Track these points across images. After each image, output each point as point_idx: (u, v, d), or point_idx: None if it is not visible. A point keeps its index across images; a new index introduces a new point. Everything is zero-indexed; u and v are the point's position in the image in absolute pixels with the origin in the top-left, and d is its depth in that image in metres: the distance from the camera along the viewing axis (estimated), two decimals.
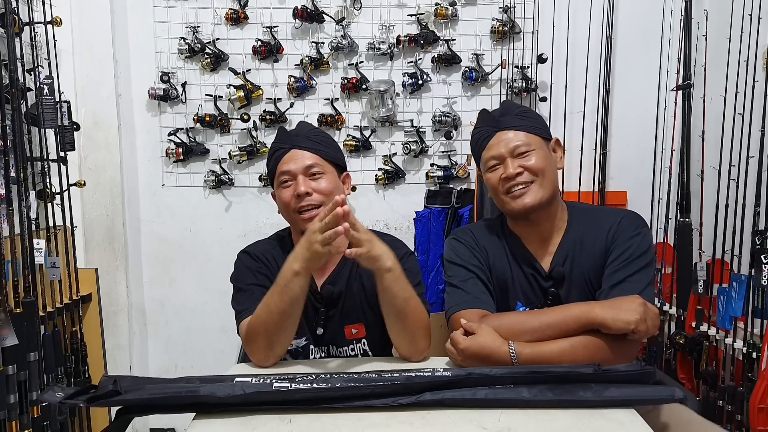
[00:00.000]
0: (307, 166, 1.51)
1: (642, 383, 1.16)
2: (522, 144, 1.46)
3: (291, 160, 1.51)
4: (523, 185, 1.45)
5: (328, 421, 1.08)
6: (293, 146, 1.53)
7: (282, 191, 1.52)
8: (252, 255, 1.57)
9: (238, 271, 1.56)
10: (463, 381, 1.15)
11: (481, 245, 1.54)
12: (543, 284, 1.49)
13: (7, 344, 1.95)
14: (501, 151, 1.47)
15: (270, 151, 1.59)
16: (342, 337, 1.54)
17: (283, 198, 1.51)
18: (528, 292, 1.51)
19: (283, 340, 1.39)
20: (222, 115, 2.89)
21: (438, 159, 2.92)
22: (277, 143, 1.57)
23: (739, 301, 2.16)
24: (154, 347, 3.04)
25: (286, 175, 1.51)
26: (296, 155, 1.52)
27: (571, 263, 1.48)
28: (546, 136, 1.52)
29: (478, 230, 1.59)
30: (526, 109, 1.65)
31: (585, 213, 1.55)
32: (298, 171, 1.50)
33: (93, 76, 2.78)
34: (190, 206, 2.98)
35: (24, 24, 2.29)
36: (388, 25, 2.85)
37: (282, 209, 1.55)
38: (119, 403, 1.12)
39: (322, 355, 1.55)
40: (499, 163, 1.48)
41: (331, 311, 1.54)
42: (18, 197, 2.15)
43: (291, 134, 1.57)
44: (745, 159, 2.22)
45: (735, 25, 2.29)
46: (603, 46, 2.78)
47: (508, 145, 1.46)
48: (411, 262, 1.54)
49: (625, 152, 2.82)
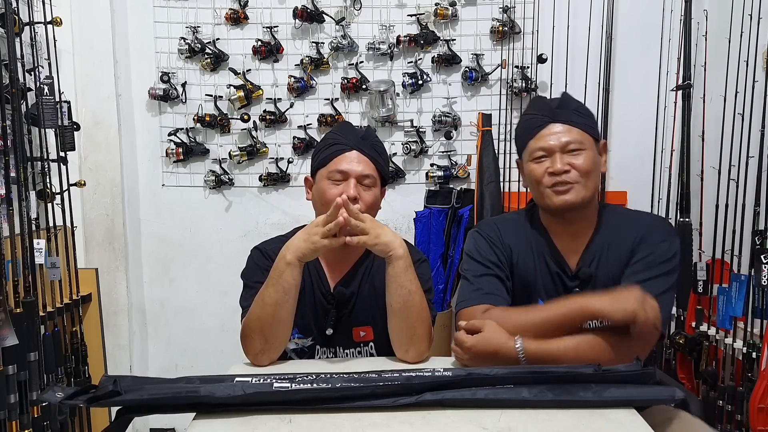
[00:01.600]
0: (364, 174, 1.50)
1: (642, 383, 1.16)
2: (575, 141, 1.42)
3: (352, 161, 1.50)
4: (568, 183, 1.41)
5: (328, 421, 1.08)
6: (358, 149, 1.51)
7: (330, 186, 1.49)
8: (263, 252, 1.56)
9: (248, 268, 1.57)
10: (463, 381, 1.15)
11: (505, 243, 1.52)
12: (568, 284, 1.47)
13: (7, 344, 1.95)
14: (552, 144, 1.43)
15: (328, 141, 1.55)
16: (350, 339, 1.53)
17: (329, 193, 1.48)
18: (551, 290, 1.48)
19: (278, 334, 1.39)
20: (222, 115, 2.89)
21: (438, 159, 2.92)
22: (340, 137, 1.54)
23: (739, 301, 2.16)
24: (154, 347, 3.04)
25: (341, 174, 1.49)
26: (358, 158, 1.50)
27: (598, 265, 1.46)
28: (597, 137, 1.49)
29: (504, 225, 1.56)
30: (584, 105, 1.57)
31: (617, 215, 1.52)
32: (354, 175, 1.49)
33: (93, 76, 2.78)
34: (190, 206, 2.98)
35: (24, 24, 2.29)
36: (388, 25, 2.85)
37: (321, 201, 1.51)
38: (119, 404, 1.12)
39: (329, 356, 1.54)
40: (546, 155, 1.44)
41: (341, 312, 1.53)
42: (18, 197, 2.15)
43: (358, 135, 1.55)
44: (745, 159, 2.23)
45: (735, 25, 2.29)
46: (603, 46, 2.78)
47: (560, 140, 1.42)
48: (423, 269, 1.53)
49: (625, 152, 2.82)
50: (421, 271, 1.49)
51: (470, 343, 1.30)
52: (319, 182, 1.53)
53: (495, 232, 1.54)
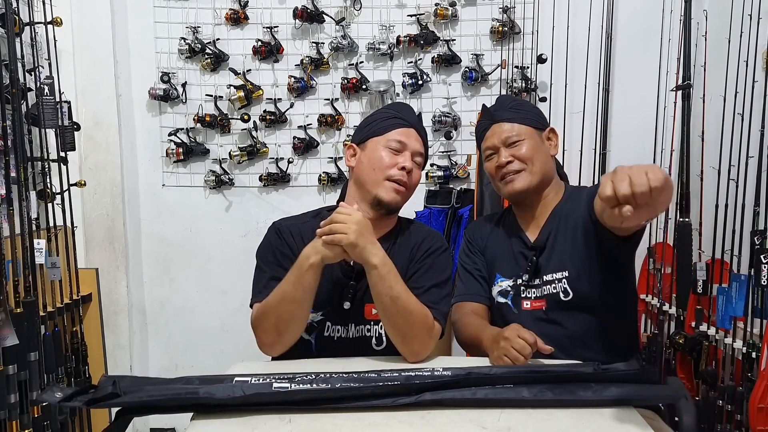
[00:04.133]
0: (419, 152, 1.57)
1: (642, 383, 1.16)
2: (513, 135, 1.60)
3: (410, 137, 1.56)
4: (513, 172, 1.59)
5: (327, 421, 1.08)
6: (415, 127, 1.58)
7: (387, 154, 1.53)
8: (277, 230, 1.58)
9: (262, 245, 1.58)
10: (463, 381, 1.15)
11: (476, 238, 1.74)
12: (527, 254, 1.62)
13: (7, 344, 1.95)
14: (495, 142, 1.62)
15: (386, 114, 1.61)
16: (361, 315, 1.52)
17: (385, 160, 1.53)
18: (511, 263, 1.65)
19: (292, 329, 1.41)
20: (222, 116, 2.89)
21: (438, 159, 2.92)
22: (399, 113, 1.59)
23: (739, 301, 2.16)
24: (154, 347, 3.04)
25: (399, 144, 1.54)
26: (416, 136, 1.58)
27: (556, 236, 1.60)
28: (538, 126, 1.65)
29: (482, 221, 1.82)
30: (521, 101, 1.78)
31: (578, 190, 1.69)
32: (411, 149, 1.55)
33: (93, 76, 2.79)
34: (190, 206, 2.98)
35: (24, 24, 2.29)
36: (388, 26, 2.85)
37: (371, 167, 1.54)
38: (118, 405, 1.12)
39: (338, 335, 1.52)
40: (494, 152, 1.63)
41: (359, 285, 1.50)
42: (18, 197, 2.15)
43: (415, 116, 1.62)
44: (744, 159, 2.22)
45: (735, 25, 2.29)
46: (603, 47, 2.78)
47: (501, 136, 1.61)
48: (441, 258, 1.55)
49: (624, 152, 2.81)
50: (439, 261, 1.53)
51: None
52: (374, 149, 1.55)
53: (471, 232, 1.77)
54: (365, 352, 1.48)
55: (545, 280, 1.58)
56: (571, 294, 1.54)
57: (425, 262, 1.52)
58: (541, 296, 1.58)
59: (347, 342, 1.52)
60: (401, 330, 1.39)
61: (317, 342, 1.52)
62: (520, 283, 1.60)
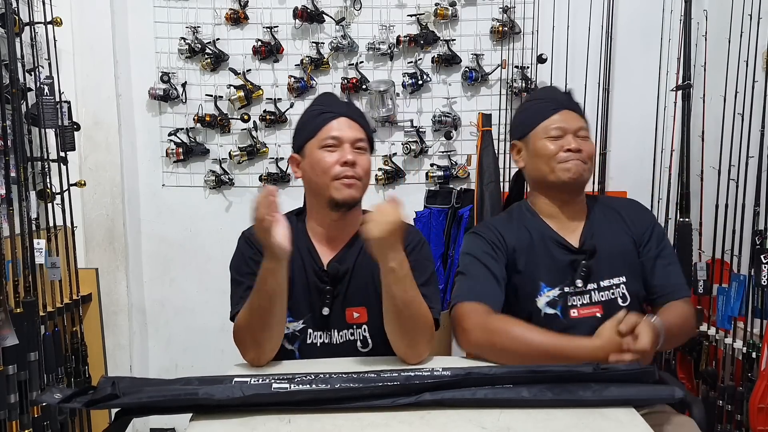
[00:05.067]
0: (357, 138, 1.48)
1: (642, 383, 1.16)
2: (584, 129, 1.59)
3: (343, 128, 1.47)
4: (580, 160, 1.54)
5: (327, 421, 1.08)
6: (345, 115, 1.49)
7: (325, 154, 1.46)
8: (247, 239, 1.53)
9: (235, 258, 1.55)
10: (463, 381, 1.15)
11: (508, 244, 1.57)
12: (575, 258, 1.53)
13: (7, 344, 1.95)
14: (566, 126, 1.56)
15: (312, 112, 1.53)
16: (343, 320, 1.49)
17: (324, 161, 1.45)
18: (555, 270, 1.54)
19: (270, 338, 1.38)
20: (222, 115, 2.89)
21: (438, 159, 2.92)
22: (323, 107, 1.52)
23: (739, 301, 2.16)
24: (154, 347, 3.04)
25: (334, 140, 1.46)
26: (348, 124, 1.48)
27: (599, 238, 1.56)
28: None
29: (503, 226, 1.62)
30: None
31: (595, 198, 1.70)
32: (347, 140, 1.46)
33: (93, 76, 2.78)
34: (190, 206, 2.97)
35: (24, 24, 2.29)
36: (388, 26, 2.85)
37: (315, 173, 1.47)
38: (117, 406, 1.12)
39: (322, 339, 1.49)
40: (562, 135, 1.56)
41: (336, 290, 1.48)
42: (18, 197, 2.15)
43: (342, 102, 1.54)
44: (744, 159, 2.23)
45: (735, 25, 2.29)
46: (603, 47, 2.77)
47: (573, 124, 1.57)
48: (423, 252, 1.51)
49: (624, 152, 2.82)
50: (422, 257, 1.47)
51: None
52: (312, 154, 1.48)
53: (496, 235, 1.59)
54: (352, 357, 1.46)
55: (602, 286, 1.53)
56: (629, 299, 1.53)
57: (409, 260, 1.42)
58: (592, 302, 1.52)
59: (332, 348, 1.49)
60: (409, 333, 1.37)
61: (301, 351, 1.49)
62: (568, 291, 1.52)
